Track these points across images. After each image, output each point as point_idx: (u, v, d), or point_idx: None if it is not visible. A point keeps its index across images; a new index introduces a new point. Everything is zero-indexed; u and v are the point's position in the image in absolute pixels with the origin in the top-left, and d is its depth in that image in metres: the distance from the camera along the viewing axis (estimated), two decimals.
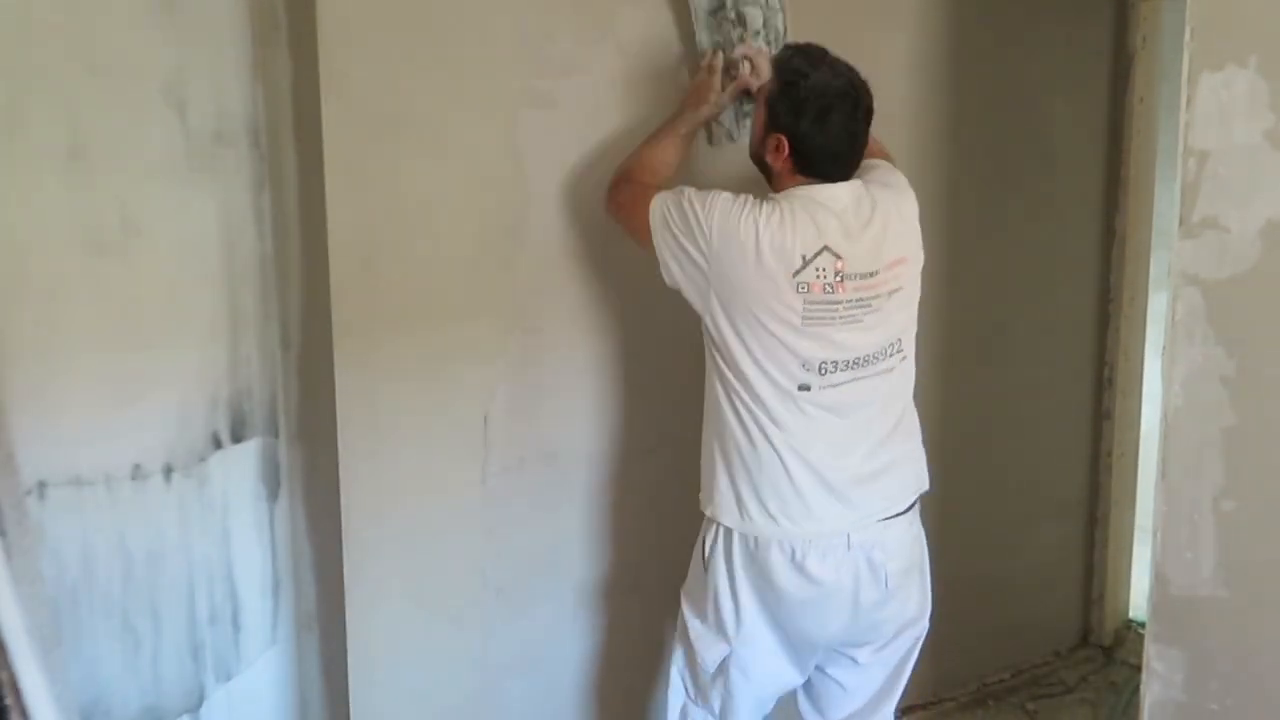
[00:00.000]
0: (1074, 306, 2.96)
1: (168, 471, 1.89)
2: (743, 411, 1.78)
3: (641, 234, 1.83)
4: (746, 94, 1.96)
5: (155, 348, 1.86)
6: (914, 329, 1.87)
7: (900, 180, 1.87)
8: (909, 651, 1.95)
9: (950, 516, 2.53)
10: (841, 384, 1.76)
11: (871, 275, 1.75)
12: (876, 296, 1.76)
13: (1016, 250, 2.77)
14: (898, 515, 1.85)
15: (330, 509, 1.97)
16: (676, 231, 1.76)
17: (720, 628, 1.87)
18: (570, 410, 2.15)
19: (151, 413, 1.86)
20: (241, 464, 2.00)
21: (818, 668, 1.96)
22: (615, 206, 1.94)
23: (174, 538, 1.92)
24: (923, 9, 2.47)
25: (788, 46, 1.86)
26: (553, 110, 2.03)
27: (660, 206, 1.79)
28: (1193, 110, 1.58)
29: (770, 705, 2.01)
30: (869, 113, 1.77)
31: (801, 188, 1.77)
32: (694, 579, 1.94)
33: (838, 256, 1.71)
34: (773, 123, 1.77)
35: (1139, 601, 3.14)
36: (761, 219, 1.71)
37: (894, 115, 2.39)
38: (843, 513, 1.79)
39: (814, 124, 1.72)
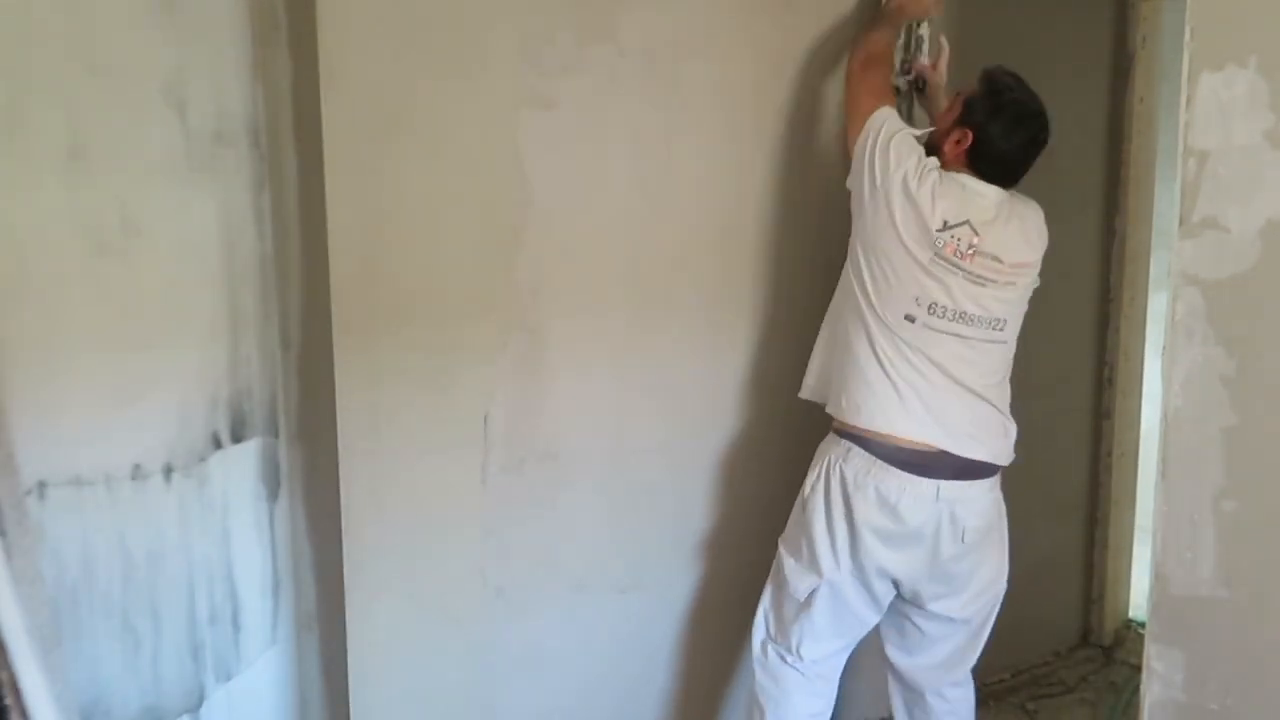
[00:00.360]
0: (1074, 306, 2.96)
1: (168, 471, 1.90)
2: (857, 322, 2.00)
3: (854, 127, 2.07)
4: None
5: (155, 348, 1.86)
6: (1019, 323, 2.06)
7: (1037, 206, 2.10)
8: (990, 611, 2.11)
9: None
10: (944, 332, 1.95)
11: (998, 261, 1.96)
12: (995, 281, 1.96)
13: None
14: (979, 478, 2.00)
15: (330, 509, 1.97)
16: (873, 152, 2.00)
17: (813, 561, 2.04)
18: (570, 410, 2.14)
19: (151, 413, 1.86)
20: (241, 464, 2.00)
21: (907, 615, 2.11)
22: (858, 82, 2.13)
23: (174, 538, 1.92)
24: None
25: (997, 66, 2.07)
26: (553, 110, 2.03)
27: (873, 127, 2.02)
28: (1193, 110, 1.58)
29: (843, 644, 2.12)
30: (1044, 144, 2.01)
31: (964, 175, 1.99)
32: (792, 524, 2.13)
33: (975, 233, 1.94)
34: (965, 117, 2.00)
35: (1139, 601, 3.14)
36: (928, 182, 1.95)
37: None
38: (928, 428, 1.96)
39: (1003, 129, 1.97)
